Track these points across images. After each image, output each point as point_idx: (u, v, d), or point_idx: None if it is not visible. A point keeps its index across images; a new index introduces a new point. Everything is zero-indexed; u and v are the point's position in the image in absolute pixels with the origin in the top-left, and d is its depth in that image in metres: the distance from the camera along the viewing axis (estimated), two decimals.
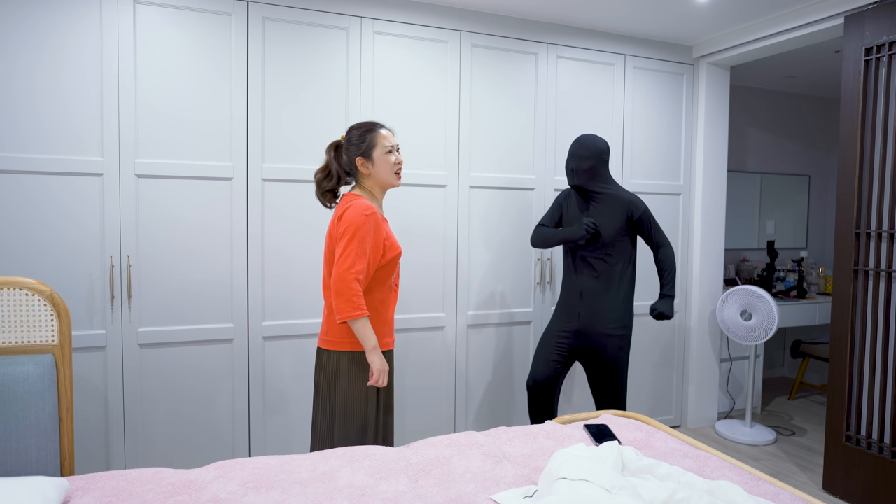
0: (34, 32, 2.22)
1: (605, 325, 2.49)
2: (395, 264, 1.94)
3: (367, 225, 1.81)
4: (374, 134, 1.91)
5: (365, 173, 1.93)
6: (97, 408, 2.36)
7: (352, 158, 1.92)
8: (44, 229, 2.26)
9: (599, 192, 2.51)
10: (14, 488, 1.28)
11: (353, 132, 1.93)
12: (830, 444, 2.70)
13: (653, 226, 2.50)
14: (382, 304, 1.94)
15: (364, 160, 1.91)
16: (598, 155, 2.49)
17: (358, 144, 1.91)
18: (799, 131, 4.73)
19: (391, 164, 1.93)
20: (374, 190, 1.96)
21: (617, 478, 1.34)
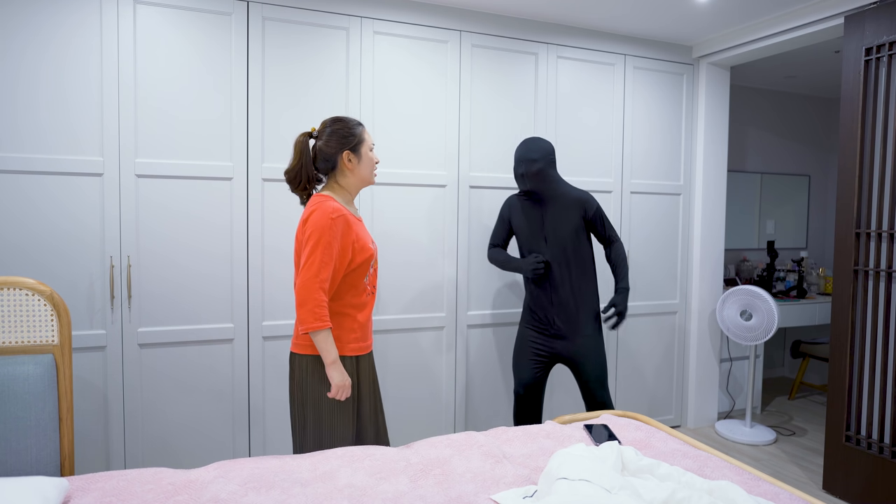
0: (36, 34, 2.22)
1: (580, 329, 2.48)
2: (366, 267, 1.86)
3: (334, 229, 1.75)
4: (362, 129, 1.88)
5: (349, 168, 1.86)
6: (97, 408, 2.36)
7: (335, 152, 1.84)
8: (44, 229, 2.26)
9: (551, 193, 2.47)
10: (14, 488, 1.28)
11: (338, 126, 1.86)
12: (830, 444, 2.70)
13: (605, 222, 2.51)
14: (355, 308, 1.87)
15: (351, 154, 1.85)
16: (546, 156, 2.45)
17: (347, 138, 1.85)
18: (799, 131, 4.73)
19: (373, 162, 1.92)
20: (351, 188, 1.90)
21: (617, 478, 1.34)
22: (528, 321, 2.59)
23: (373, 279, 1.94)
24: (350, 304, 1.86)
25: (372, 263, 1.89)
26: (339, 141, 1.84)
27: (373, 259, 1.88)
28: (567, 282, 2.48)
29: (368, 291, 1.91)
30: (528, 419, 2.61)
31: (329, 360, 1.76)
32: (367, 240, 1.87)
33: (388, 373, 2.82)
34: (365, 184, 1.92)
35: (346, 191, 1.90)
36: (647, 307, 3.39)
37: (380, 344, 2.80)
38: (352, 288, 1.85)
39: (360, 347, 1.89)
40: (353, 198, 1.93)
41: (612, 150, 3.26)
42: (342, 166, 1.86)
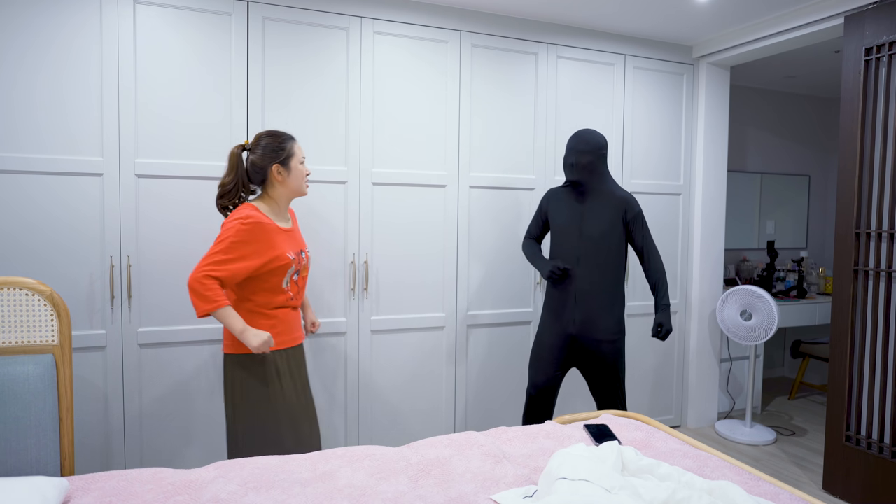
0: (37, 35, 2.21)
1: (601, 332, 2.42)
2: (282, 273, 1.93)
3: (242, 232, 1.83)
4: (292, 143, 1.97)
5: (278, 181, 1.95)
6: (97, 408, 2.36)
7: (266, 165, 1.93)
8: (44, 229, 2.26)
9: (597, 187, 2.44)
10: (14, 488, 1.28)
11: (270, 140, 1.95)
12: (830, 444, 2.70)
13: (644, 229, 2.44)
14: (270, 309, 1.95)
15: (280, 167, 1.94)
16: (598, 149, 2.42)
17: (277, 152, 1.94)
18: (799, 131, 4.73)
19: (303, 174, 2.00)
20: (281, 199, 1.99)
21: (617, 478, 1.34)
22: (547, 322, 2.53)
23: (296, 286, 2.01)
24: (264, 304, 1.94)
25: (291, 272, 1.96)
26: (269, 154, 1.94)
27: (290, 268, 1.94)
28: (594, 281, 2.42)
29: (289, 296, 1.99)
30: (539, 422, 2.56)
31: (237, 330, 1.82)
32: (287, 248, 1.94)
33: (388, 373, 2.82)
34: (296, 195, 2.01)
35: (275, 202, 1.98)
36: (647, 307, 3.39)
37: (380, 344, 2.80)
38: (266, 292, 1.93)
39: (281, 342, 1.96)
40: (284, 208, 2.01)
41: (612, 150, 3.26)
42: (272, 178, 1.95)
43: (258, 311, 1.93)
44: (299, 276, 2.02)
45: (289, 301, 1.99)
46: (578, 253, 2.44)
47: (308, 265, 2.10)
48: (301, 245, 2.05)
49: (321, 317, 2.68)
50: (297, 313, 2.05)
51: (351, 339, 2.73)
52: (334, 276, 2.70)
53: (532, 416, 2.57)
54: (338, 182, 2.68)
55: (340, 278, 2.71)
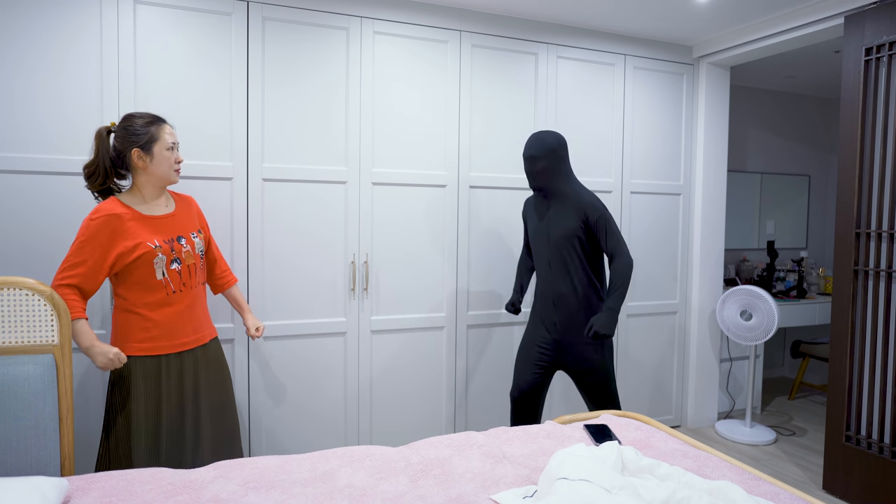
0: (37, 35, 2.21)
1: (584, 338, 2.39)
2: (147, 264, 1.77)
3: (90, 229, 1.72)
4: (157, 127, 1.80)
5: (140, 166, 1.79)
6: (97, 408, 2.35)
7: (126, 149, 1.78)
8: (44, 229, 2.26)
9: (558, 191, 2.36)
10: (14, 488, 1.28)
11: (134, 121, 1.78)
12: (830, 444, 2.70)
13: (608, 232, 2.31)
14: (147, 307, 1.80)
15: (141, 153, 1.78)
16: (552, 152, 2.33)
17: (137, 135, 1.77)
18: (799, 131, 4.73)
19: (171, 161, 1.83)
20: (146, 187, 1.82)
21: (617, 478, 1.34)
22: (532, 324, 2.53)
23: (178, 277, 1.84)
24: (140, 302, 1.80)
25: (162, 262, 1.79)
26: (129, 138, 1.78)
27: (157, 256, 1.78)
28: (568, 284, 2.38)
29: (170, 290, 1.82)
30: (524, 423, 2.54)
31: (84, 347, 1.73)
32: (148, 236, 1.78)
33: (388, 373, 2.82)
34: (163, 182, 1.84)
35: (140, 190, 1.83)
36: (647, 307, 3.39)
37: (380, 344, 2.80)
38: (137, 286, 1.79)
39: (153, 347, 1.81)
40: (151, 198, 1.84)
41: (612, 150, 3.26)
42: (134, 164, 1.80)
43: (131, 311, 1.79)
44: (182, 265, 1.83)
45: (170, 297, 1.81)
46: (549, 257, 2.42)
47: (197, 252, 1.89)
48: (181, 230, 1.85)
49: (321, 317, 2.68)
50: (188, 312, 1.86)
51: (351, 339, 2.73)
52: (334, 276, 2.69)
53: (517, 419, 2.55)
54: (338, 182, 2.68)
55: (340, 278, 2.71)
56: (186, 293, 1.87)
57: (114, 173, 1.83)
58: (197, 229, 1.94)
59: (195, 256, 1.88)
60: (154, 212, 1.83)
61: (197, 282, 1.90)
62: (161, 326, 1.82)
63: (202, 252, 1.93)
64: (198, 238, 1.91)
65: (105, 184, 1.83)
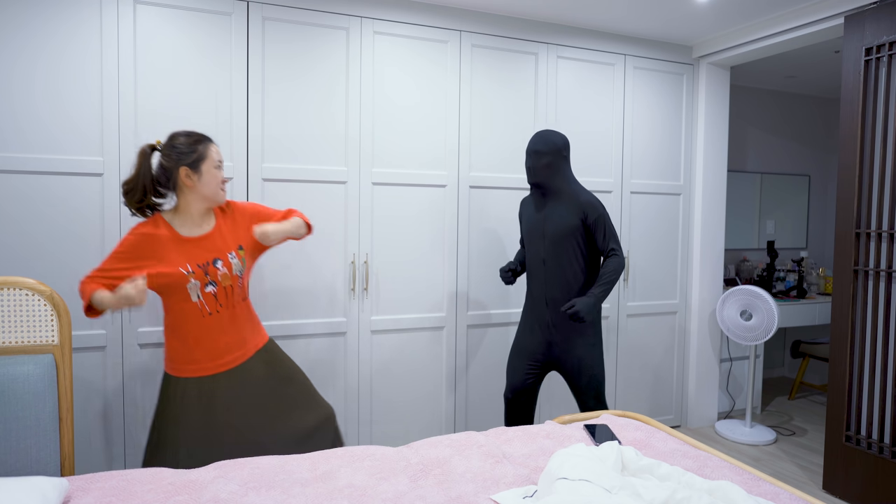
0: (36, 35, 2.22)
1: (575, 337, 2.38)
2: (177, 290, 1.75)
3: (125, 244, 1.74)
4: (205, 146, 1.78)
5: (188, 185, 1.76)
6: (97, 408, 2.36)
7: (173, 168, 1.75)
8: (44, 229, 2.26)
9: (557, 189, 2.37)
10: (14, 488, 1.28)
11: (181, 139, 1.77)
12: (830, 444, 2.70)
13: (607, 232, 2.33)
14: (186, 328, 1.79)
15: (189, 171, 1.75)
16: (556, 150, 2.34)
17: (186, 154, 1.75)
18: (799, 131, 4.73)
19: (218, 180, 1.81)
20: (191, 207, 1.79)
21: (617, 478, 1.34)
22: (524, 324, 2.52)
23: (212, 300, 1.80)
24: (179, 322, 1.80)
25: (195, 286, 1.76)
26: (176, 156, 1.75)
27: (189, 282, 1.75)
28: (561, 283, 2.37)
29: (205, 312, 1.79)
30: (518, 424, 2.53)
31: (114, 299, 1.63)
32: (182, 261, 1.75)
33: (388, 373, 2.82)
34: (209, 203, 1.81)
35: (186, 209, 1.80)
36: (647, 307, 3.39)
37: (380, 344, 2.80)
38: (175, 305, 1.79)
39: (191, 370, 1.80)
40: (196, 217, 1.81)
41: (612, 150, 3.26)
42: (181, 183, 1.77)
43: (175, 331, 1.80)
44: (218, 287, 1.80)
45: (206, 319, 1.79)
46: (543, 255, 2.40)
47: (235, 273, 1.84)
48: (218, 251, 1.81)
49: (321, 317, 2.68)
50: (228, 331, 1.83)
51: (351, 339, 2.73)
52: (334, 276, 2.69)
53: (511, 419, 2.53)
54: (338, 182, 2.68)
55: (340, 278, 2.71)
56: (224, 313, 1.83)
57: (153, 191, 1.78)
58: (237, 246, 1.87)
59: (233, 277, 1.83)
60: (193, 233, 1.80)
61: (235, 301, 1.86)
62: (191, 351, 1.80)
63: (241, 272, 1.87)
64: (236, 258, 1.85)
65: (143, 201, 1.78)
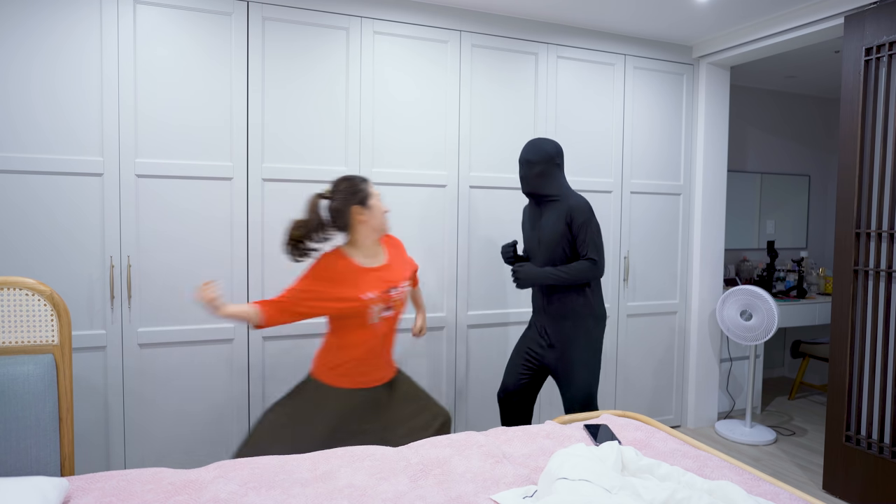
0: (35, 35, 2.21)
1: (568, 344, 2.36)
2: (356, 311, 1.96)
3: (319, 265, 1.97)
4: (367, 184, 2.04)
5: (361, 221, 2.01)
6: (97, 408, 2.36)
7: (345, 208, 1.99)
8: (44, 229, 2.26)
9: (552, 196, 2.36)
10: (14, 488, 1.28)
11: (346, 184, 2.01)
12: (830, 444, 2.70)
13: (588, 237, 2.29)
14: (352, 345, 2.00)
15: (361, 208, 2.00)
16: (549, 159, 2.33)
17: (354, 194, 2.00)
18: (799, 131, 4.73)
19: (382, 211, 2.05)
20: (363, 239, 2.03)
21: (617, 478, 1.34)
22: (528, 327, 2.53)
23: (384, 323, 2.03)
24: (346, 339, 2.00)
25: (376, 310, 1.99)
26: (348, 197, 2.00)
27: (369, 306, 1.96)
28: (557, 291, 2.37)
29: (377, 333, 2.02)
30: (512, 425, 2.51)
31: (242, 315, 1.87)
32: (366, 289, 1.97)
33: None
34: (378, 233, 2.05)
35: (360, 242, 2.04)
36: (647, 307, 3.39)
37: None
38: (349, 326, 2.00)
39: (356, 381, 2.02)
40: (370, 247, 2.05)
41: (612, 150, 3.26)
42: (354, 220, 2.01)
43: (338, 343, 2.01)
44: (394, 311, 2.06)
45: (374, 339, 2.02)
46: (541, 261, 2.40)
47: (403, 298, 2.10)
48: (395, 280, 2.06)
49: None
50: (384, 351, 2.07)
51: None
52: None
53: (505, 419, 2.53)
54: None
55: None
56: (388, 336, 2.07)
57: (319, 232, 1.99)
58: (408, 278, 2.12)
59: (400, 304, 2.09)
60: (372, 263, 2.05)
61: (395, 326, 2.10)
62: (366, 365, 2.03)
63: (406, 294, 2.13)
64: (407, 286, 2.11)
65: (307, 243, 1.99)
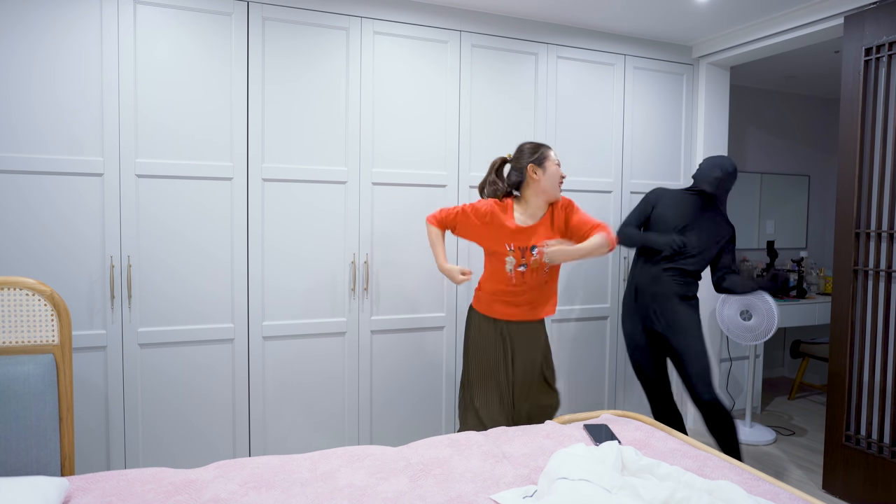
0: (35, 35, 2.22)
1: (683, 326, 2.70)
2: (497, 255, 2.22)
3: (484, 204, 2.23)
4: (546, 149, 2.21)
5: (534, 179, 2.17)
6: (97, 408, 2.36)
7: (523, 166, 2.19)
8: (44, 229, 2.26)
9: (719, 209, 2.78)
10: (14, 488, 1.28)
11: (529, 145, 2.22)
12: (830, 444, 2.70)
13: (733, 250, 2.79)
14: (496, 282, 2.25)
15: (536, 167, 2.17)
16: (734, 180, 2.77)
17: (533, 153, 2.19)
18: (799, 131, 4.73)
19: (558, 176, 2.20)
20: (532, 199, 2.20)
21: (617, 478, 1.34)
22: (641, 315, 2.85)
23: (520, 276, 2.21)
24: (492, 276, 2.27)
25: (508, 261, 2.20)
26: (527, 156, 2.20)
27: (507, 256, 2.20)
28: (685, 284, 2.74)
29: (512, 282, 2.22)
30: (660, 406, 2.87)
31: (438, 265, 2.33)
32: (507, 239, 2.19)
33: (388, 372, 2.82)
34: (548, 196, 2.20)
35: (526, 201, 2.22)
36: None
37: (380, 344, 2.80)
38: (491, 265, 2.26)
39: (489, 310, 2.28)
40: (536, 208, 2.22)
41: (612, 150, 3.26)
42: (528, 177, 2.19)
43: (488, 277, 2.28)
44: (528, 269, 2.20)
45: (511, 286, 2.22)
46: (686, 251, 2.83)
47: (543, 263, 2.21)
48: (534, 241, 2.20)
49: (322, 317, 2.68)
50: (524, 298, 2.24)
51: (351, 339, 2.73)
52: (334, 276, 2.70)
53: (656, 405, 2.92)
54: (338, 182, 2.68)
55: (340, 278, 2.71)
56: (526, 286, 2.24)
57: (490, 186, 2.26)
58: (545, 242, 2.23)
59: (541, 263, 2.22)
60: (525, 222, 2.22)
61: (539, 280, 2.25)
62: (501, 300, 2.26)
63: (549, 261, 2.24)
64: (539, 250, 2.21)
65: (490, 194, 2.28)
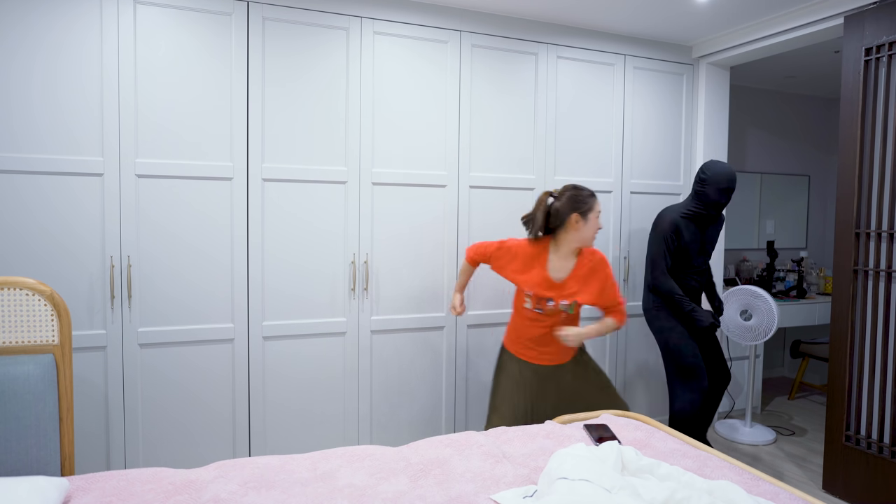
0: (36, 35, 2.22)
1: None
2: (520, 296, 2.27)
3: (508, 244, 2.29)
4: (594, 200, 2.21)
5: (575, 229, 2.18)
6: (97, 408, 2.36)
7: (566, 213, 2.18)
8: (44, 229, 2.26)
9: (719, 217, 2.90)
10: (14, 488, 1.28)
11: (576, 192, 2.20)
12: (830, 444, 2.70)
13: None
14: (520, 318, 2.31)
15: (579, 217, 2.17)
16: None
17: (579, 202, 2.18)
18: (799, 131, 4.73)
19: (597, 228, 2.21)
20: (565, 244, 2.22)
21: (617, 478, 1.34)
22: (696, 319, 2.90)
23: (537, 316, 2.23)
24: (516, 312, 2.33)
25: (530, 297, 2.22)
26: (572, 205, 2.18)
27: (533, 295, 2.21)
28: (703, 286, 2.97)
29: (530, 316, 2.26)
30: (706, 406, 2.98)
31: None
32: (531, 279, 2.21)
33: (388, 372, 2.82)
34: (583, 244, 2.23)
35: (561, 244, 2.23)
36: None
37: (380, 344, 2.80)
38: (516, 299, 2.32)
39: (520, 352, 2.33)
40: (568, 252, 2.24)
41: (612, 150, 3.26)
42: (569, 225, 2.19)
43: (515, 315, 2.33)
44: (543, 312, 2.23)
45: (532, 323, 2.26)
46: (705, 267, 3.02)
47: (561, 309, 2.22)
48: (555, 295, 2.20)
49: (321, 317, 2.68)
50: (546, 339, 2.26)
51: (351, 338, 2.73)
52: (334, 276, 2.70)
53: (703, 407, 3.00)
54: (338, 182, 2.68)
55: (340, 278, 2.71)
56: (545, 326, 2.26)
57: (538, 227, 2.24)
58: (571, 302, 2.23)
59: (558, 312, 2.24)
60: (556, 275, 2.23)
61: (558, 322, 2.26)
62: (525, 337, 2.30)
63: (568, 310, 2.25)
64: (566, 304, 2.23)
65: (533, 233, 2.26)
